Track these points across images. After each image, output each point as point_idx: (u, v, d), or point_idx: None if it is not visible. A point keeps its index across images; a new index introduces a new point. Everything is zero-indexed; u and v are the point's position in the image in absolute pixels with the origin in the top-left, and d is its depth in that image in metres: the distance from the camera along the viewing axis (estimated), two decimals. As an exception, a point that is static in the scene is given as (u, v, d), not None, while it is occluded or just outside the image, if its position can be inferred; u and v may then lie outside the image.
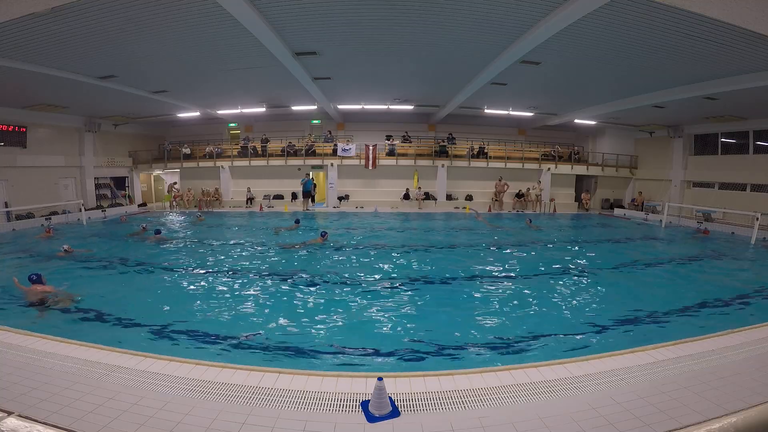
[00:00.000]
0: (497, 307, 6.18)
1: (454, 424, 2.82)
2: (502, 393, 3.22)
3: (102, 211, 16.95)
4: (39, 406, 2.93)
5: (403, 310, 5.95)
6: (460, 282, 7.45)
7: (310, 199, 18.47)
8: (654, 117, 15.93)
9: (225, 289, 6.98)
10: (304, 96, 14.89)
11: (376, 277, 7.70)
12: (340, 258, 9.30)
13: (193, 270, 8.18)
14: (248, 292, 6.77)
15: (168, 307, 5.98)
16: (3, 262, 8.85)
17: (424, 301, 6.45)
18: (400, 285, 7.19)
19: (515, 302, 6.42)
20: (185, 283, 7.32)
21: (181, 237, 11.97)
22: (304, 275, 7.75)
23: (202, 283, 7.28)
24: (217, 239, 11.69)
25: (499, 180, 18.94)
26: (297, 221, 13.54)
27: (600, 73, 10.84)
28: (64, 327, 5.07)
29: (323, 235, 10.55)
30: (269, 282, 7.38)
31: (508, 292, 6.96)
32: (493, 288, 7.14)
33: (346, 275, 7.79)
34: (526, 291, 7.01)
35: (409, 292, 6.83)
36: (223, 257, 9.42)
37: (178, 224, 14.97)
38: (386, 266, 8.54)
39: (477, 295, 6.76)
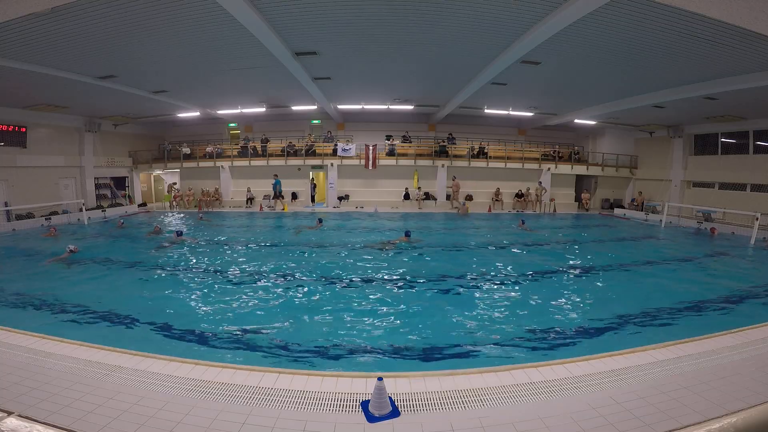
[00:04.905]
0: (497, 307, 6.17)
1: (454, 424, 2.82)
2: (502, 393, 3.22)
3: (102, 211, 16.94)
4: (39, 406, 2.93)
5: (403, 310, 5.94)
6: (460, 282, 7.45)
7: (281, 200, 18.71)
8: (654, 117, 15.93)
9: (227, 289, 6.98)
10: (304, 96, 14.89)
11: (376, 276, 7.70)
12: (340, 258, 9.31)
13: (196, 271, 8.18)
14: (248, 293, 6.77)
15: (169, 308, 5.98)
16: (12, 262, 8.87)
17: (424, 300, 6.45)
18: (400, 284, 7.19)
19: (515, 302, 6.42)
20: (187, 284, 7.32)
21: (192, 238, 11.91)
22: (304, 275, 7.76)
23: (205, 284, 7.28)
24: (233, 240, 11.74)
25: (453, 179, 18.95)
26: (320, 220, 13.66)
27: (600, 72, 10.84)
28: (64, 327, 5.08)
29: (407, 234, 10.84)
30: (269, 283, 7.37)
31: (507, 292, 6.96)
32: (493, 288, 7.14)
33: (347, 274, 7.80)
34: (526, 291, 7.00)
35: (410, 292, 6.83)
36: (231, 258, 9.42)
37: (180, 225, 14.96)
38: (386, 265, 8.55)
39: (476, 295, 6.75)
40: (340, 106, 17.96)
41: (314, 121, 21.08)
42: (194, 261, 8.97)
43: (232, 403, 3.07)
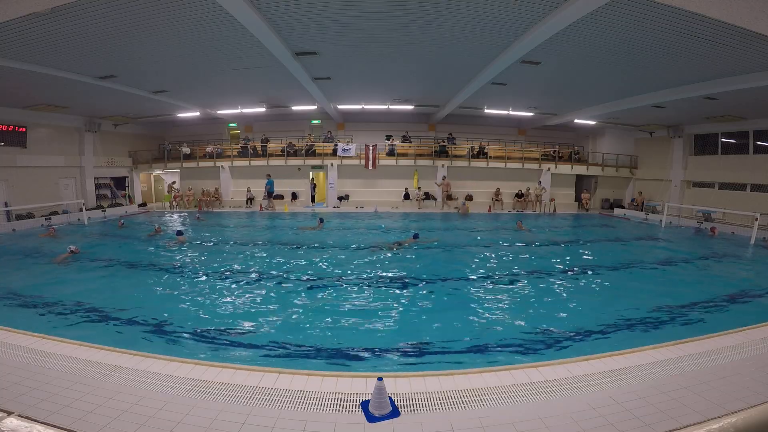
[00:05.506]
0: (496, 307, 6.18)
1: (454, 424, 2.82)
2: (502, 393, 3.22)
3: (102, 211, 16.94)
4: (39, 406, 2.93)
5: (403, 310, 5.95)
6: (459, 282, 7.45)
7: (272, 199, 18.79)
8: (654, 117, 15.93)
9: (227, 289, 6.98)
10: (304, 96, 14.89)
11: (377, 276, 7.70)
12: (341, 258, 9.31)
13: (197, 271, 8.18)
14: (248, 293, 6.77)
15: (169, 308, 5.98)
16: (12, 262, 8.88)
17: (424, 300, 6.45)
18: (400, 284, 7.19)
19: (514, 302, 6.42)
20: (187, 284, 7.31)
21: (182, 237, 11.93)
22: (304, 275, 7.76)
23: (207, 284, 7.28)
24: (232, 240, 11.74)
25: (443, 178, 18.99)
26: (321, 220, 13.68)
27: (600, 72, 10.84)
28: (64, 327, 5.08)
29: (416, 236, 10.78)
30: (269, 283, 7.37)
31: (507, 292, 6.96)
32: (493, 288, 7.14)
33: (347, 275, 7.80)
34: (525, 291, 7.01)
35: (410, 292, 6.83)
36: (231, 258, 9.42)
37: (179, 225, 14.96)
38: (386, 265, 8.55)
39: (476, 295, 6.75)
40: (340, 106, 17.96)
41: (314, 121, 21.08)
42: (194, 261, 8.97)
43: (232, 403, 3.07)
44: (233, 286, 7.11)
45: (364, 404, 3.03)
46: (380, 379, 2.98)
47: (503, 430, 2.76)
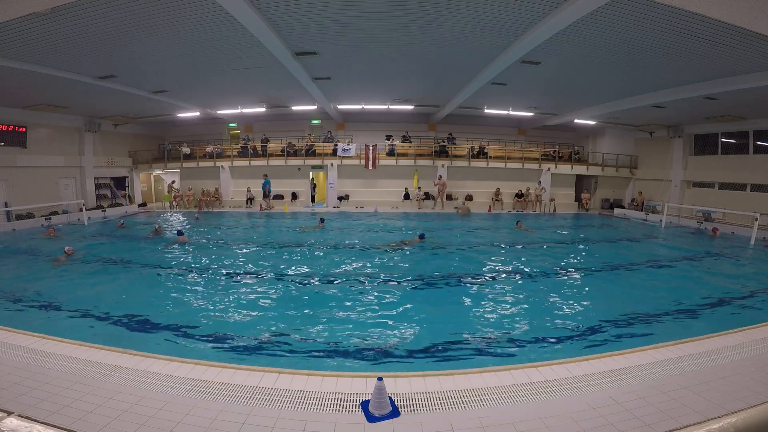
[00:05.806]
0: (497, 307, 6.17)
1: (454, 424, 2.82)
2: (502, 393, 3.22)
3: (102, 211, 16.95)
4: (39, 406, 2.94)
5: (403, 310, 5.94)
6: (459, 282, 7.44)
7: (270, 199, 18.88)
8: (654, 117, 15.93)
9: (227, 289, 6.98)
10: (304, 96, 14.90)
11: (377, 276, 7.70)
12: (341, 258, 9.30)
13: (197, 271, 8.18)
14: (248, 293, 6.77)
15: (169, 308, 5.99)
16: (12, 262, 8.89)
17: (425, 300, 6.45)
18: (400, 284, 7.18)
19: (515, 302, 6.42)
20: (188, 284, 7.32)
21: (197, 238, 11.88)
22: (305, 275, 7.76)
23: (208, 284, 7.28)
24: (232, 240, 11.73)
25: (439, 178, 18.99)
26: (321, 220, 13.66)
27: (600, 72, 10.84)
28: (64, 327, 5.07)
29: (422, 236, 10.72)
30: (269, 283, 7.37)
31: (507, 292, 6.96)
32: (493, 288, 7.14)
33: (347, 275, 7.80)
34: (525, 291, 7.00)
35: (410, 292, 6.83)
36: (231, 258, 9.42)
37: (179, 225, 14.96)
38: (386, 265, 8.54)
39: (476, 295, 6.75)
40: (340, 106, 17.96)
41: (314, 121, 21.09)
42: (194, 261, 8.97)
43: (232, 403, 3.07)
44: (233, 286, 7.11)
45: (364, 404, 3.03)
46: (380, 379, 2.98)
47: (503, 430, 2.76)
